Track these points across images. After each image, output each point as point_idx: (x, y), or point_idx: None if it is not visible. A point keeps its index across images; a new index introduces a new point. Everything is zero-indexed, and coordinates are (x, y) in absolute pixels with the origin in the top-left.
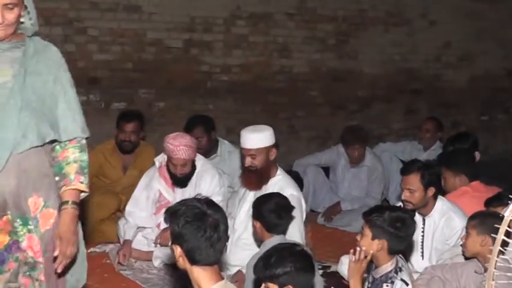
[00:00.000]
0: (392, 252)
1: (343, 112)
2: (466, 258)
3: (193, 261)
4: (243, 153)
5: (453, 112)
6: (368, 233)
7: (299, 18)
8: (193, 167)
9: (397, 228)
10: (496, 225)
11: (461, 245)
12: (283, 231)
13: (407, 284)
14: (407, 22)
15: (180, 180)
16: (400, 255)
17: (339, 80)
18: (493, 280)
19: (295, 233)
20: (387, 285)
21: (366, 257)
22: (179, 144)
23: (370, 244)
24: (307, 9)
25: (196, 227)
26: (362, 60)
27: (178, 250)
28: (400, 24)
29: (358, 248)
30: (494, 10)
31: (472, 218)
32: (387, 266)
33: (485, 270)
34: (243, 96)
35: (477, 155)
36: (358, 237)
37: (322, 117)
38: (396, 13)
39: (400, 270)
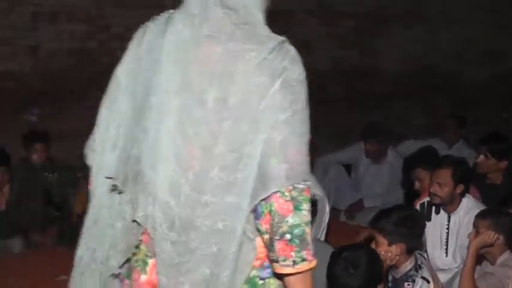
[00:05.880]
0: (410, 251)
1: (363, 109)
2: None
3: None
4: None
5: (474, 109)
6: (383, 240)
7: (319, 15)
8: None
9: (410, 227)
10: None
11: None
12: None
13: (428, 282)
14: (428, 18)
15: None
16: (419, 251)
17: (359, 76)
18: None
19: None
20: (408, 285)
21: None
22: None
23: (389, 250)
24: (327, 6)
25: None
26: (382, 57)
27: None
28: (420, 21)
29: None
30: None
31: (482, 217)
32: (406, 265)
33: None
34: None
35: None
36: (373, 246)
37: (343, 114)
38: (416, 9)
39: (420, 267)
